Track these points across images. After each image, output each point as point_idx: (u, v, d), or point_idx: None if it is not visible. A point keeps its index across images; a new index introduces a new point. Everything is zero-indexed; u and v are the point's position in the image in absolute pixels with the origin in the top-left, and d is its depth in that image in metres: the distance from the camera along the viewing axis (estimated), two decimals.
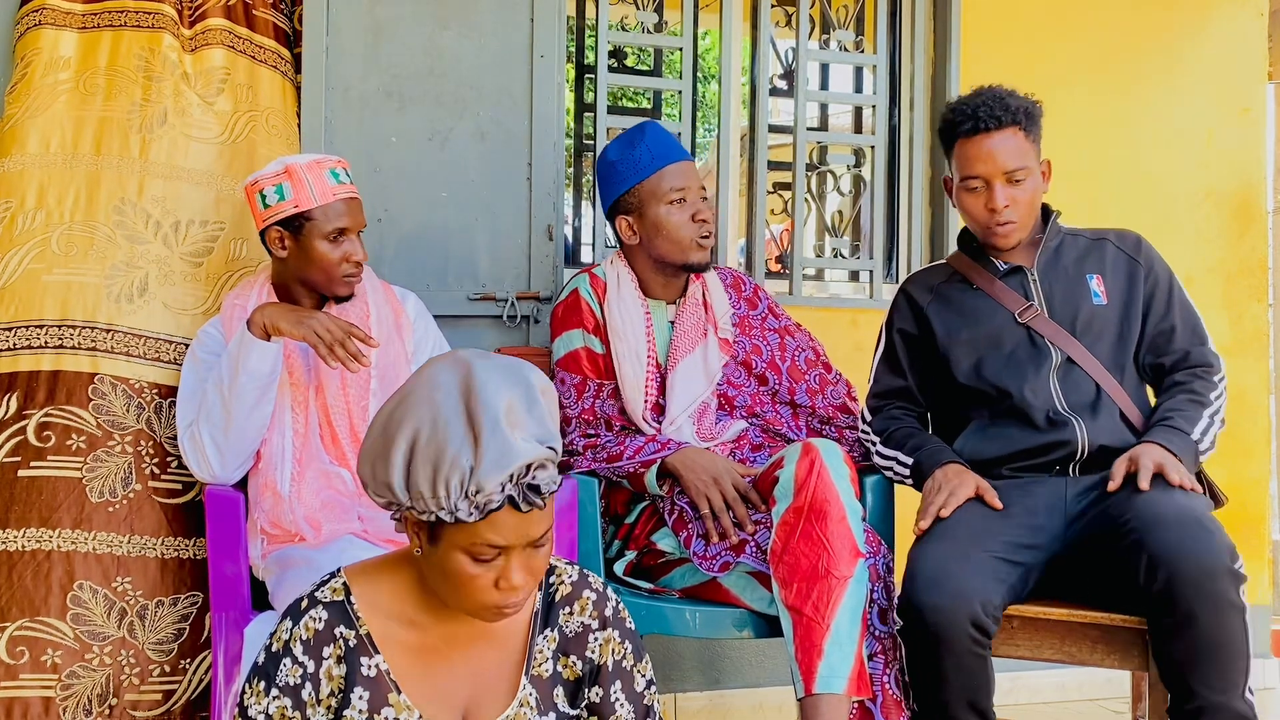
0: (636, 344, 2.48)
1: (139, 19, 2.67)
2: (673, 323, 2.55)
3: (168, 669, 2.38)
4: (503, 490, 1.39)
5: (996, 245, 2.36)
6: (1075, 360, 2.30)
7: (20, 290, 2.47)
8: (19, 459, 2.36)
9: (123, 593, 2.36)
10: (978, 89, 2.36)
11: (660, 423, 2.48)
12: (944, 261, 2.52)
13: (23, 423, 2.38)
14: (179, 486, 2.47)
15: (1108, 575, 2.10)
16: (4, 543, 2.32)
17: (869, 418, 2.50)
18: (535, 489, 1.42)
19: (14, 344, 2.44)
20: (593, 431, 2.47)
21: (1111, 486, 2.14)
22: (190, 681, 2.40)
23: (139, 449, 2.43)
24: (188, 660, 2.40)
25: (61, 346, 2.44)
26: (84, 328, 2.45)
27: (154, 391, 2.47)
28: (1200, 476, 2.28)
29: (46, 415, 2.39)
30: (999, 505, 2.20)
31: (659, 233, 2.47)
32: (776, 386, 2.58)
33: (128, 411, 2.45)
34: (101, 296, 2.48)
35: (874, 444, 2.45)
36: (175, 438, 2.41)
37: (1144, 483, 2.08)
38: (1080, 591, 2.17)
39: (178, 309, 2.53)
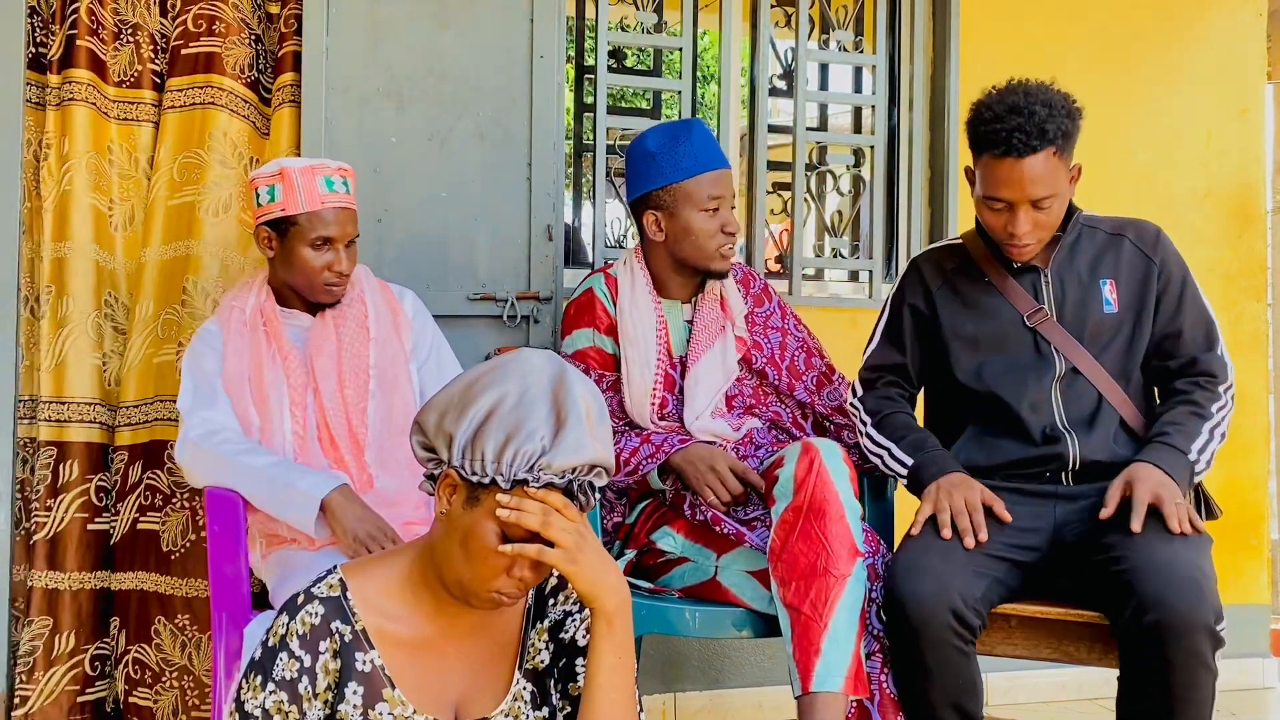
0: (646, 349, 2.46)
1: (123, 109, 2.78)
2: (689, 321, 2.53)
3: None
4: (565, 477, 1.46)
5: (1010, 258, 2.26)
6: (1080, 370, 2.24)
7: (140, 372, 2.73)
8: (139, 514, 2.76)
9: (182, 627, 2.75)
10: (1013, 94, 2.14)
11: (663, 424, 2.47)
12: (959, 241, 2.40)
13: (140, 485, 2.75)
14: None
15: (1093, 595, 2.10)
16: (123, 583, 2.77)
17: (859, 391, 2.42)
18: (590, 489, 1.49)
19: (133, 420, 2.74)
20: None
21: (1104, 514, 2.08)
22: None
23: (193, 504, 2.72)
24: None
25: (158, 419, 2.73)
26: (168, 400, 2.68)
27: None
28: (1197, 489, 2.24)
29: (149, 478, 2.75)
30: (1007, 516, 2.16)
31: (686, 237, 2.44)
32: (776, 381, 2.58)
33: None
34: (169, 369, 2.71)
35: (864, 424, 2.38)
36: None
37: (1137, 524, 2.02)
38: (1074, 594, 2.16)
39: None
